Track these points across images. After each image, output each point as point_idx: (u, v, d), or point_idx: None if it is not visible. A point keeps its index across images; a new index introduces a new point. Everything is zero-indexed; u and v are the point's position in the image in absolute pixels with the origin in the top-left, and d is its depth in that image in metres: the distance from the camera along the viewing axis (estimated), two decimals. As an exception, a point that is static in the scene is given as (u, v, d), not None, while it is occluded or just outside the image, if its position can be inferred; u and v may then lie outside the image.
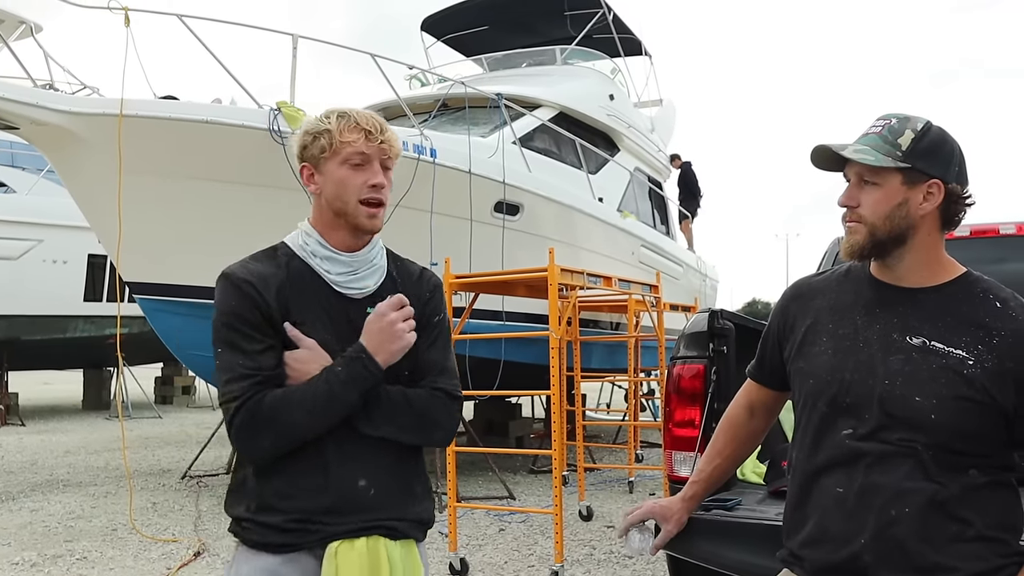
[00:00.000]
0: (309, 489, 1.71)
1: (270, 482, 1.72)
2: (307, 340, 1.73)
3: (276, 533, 1.71)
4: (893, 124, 1.71)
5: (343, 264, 1.79)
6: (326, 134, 1.74)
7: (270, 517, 1.71)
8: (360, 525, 1.72)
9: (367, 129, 1.74)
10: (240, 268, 1.76)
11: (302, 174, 1.81)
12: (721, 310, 3.23)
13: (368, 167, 1.75)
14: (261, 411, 1.65)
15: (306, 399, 1.67)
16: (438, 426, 1.82)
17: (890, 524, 1.61)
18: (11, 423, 13.07)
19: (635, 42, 13.32)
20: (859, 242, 1.72)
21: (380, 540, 1.74)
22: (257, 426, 1.66)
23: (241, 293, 1.72)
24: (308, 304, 1.76)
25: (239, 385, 1.66)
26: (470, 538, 5.87)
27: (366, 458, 1.75)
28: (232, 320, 1.71)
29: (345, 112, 1.77)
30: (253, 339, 1.70)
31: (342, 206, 1.76)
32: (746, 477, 3.18)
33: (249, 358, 1.68)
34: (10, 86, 6.33)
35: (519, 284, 6.48)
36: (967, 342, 1.64)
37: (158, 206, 6.77)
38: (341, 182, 1.75)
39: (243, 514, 1.74)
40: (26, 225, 12.96)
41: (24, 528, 6.16)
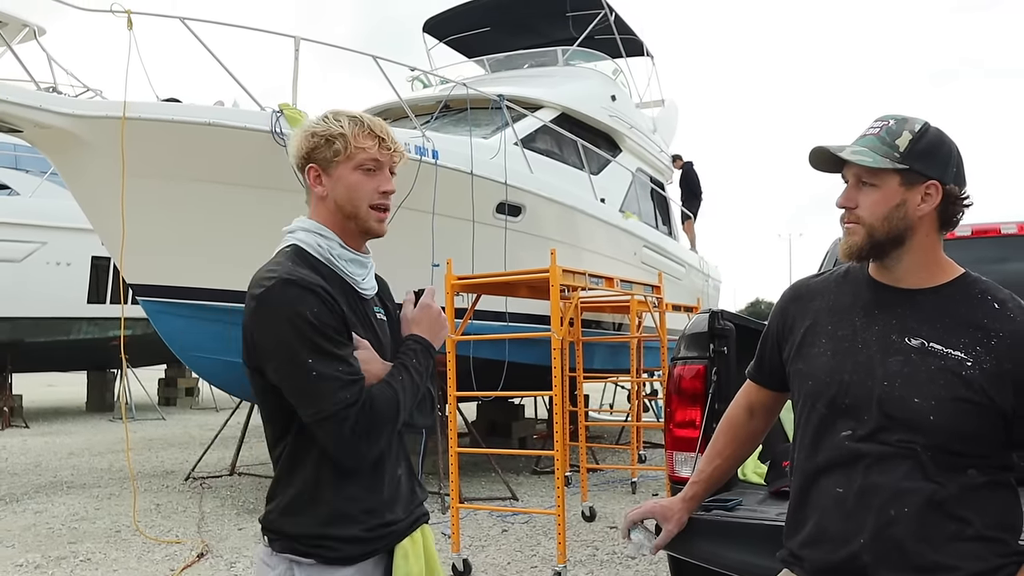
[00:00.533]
0: (371, 490, 1.76)
1: (343, 488, 1.72)
2: (363, 341, 1.77)
3: (355, 545, 1.73)
4: (891, 125, 1.72)
5: (361, 265, 1.85)
6: (341, 138, 1.76)
7: (346, 529, 1.71)
8: (412, 519, 1.84)
9: (381, 136, 1.78)
10: (302, 274, 1.71)
11: (308, 175, 1.81)
12: (721, 311, 3.24)
13: (380, 173, 1.79)
14: (377, 412, 1.68)
15: (406, 392, 1.74)
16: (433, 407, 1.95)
17: (889, 524, 1.62)
18: (15, 425, 13.10)
19: (637, 43, 13.32)
20: (857, 243, 1.72)
21: (425, 528, 1.89)
22: (377, 428, 1.69)
23: (320, 299, 1.69)
24: (350, 308, 1.79)
25: (349, 392, 1.64)
26: (473, 539, 5.88)
27: (399, 448, 1.85)
28: (320, 327, 1.66)
29: (357, 118, 1.79)
30: (344, 344, 1.70)
31: (353, 210, 1.79)
32: (747, 477, 3.19)
33: (347, 364, 1.68)
34: (13, 89, 6.35)
35: (521, 285, 6.48)
36: (966, 343, 1.64)
37: (161, 208, 6.79)
38: (354, 187, 1.78)
39: (315, 530, 1.71)
40: (30, 227, 12.98)
41: (28, 530, 6.18)
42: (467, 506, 6.34)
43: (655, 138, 13.20)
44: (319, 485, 1.72)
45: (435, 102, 9.71)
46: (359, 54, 7.83)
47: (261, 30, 7.25)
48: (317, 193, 1.81)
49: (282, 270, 1.70)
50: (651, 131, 13.10)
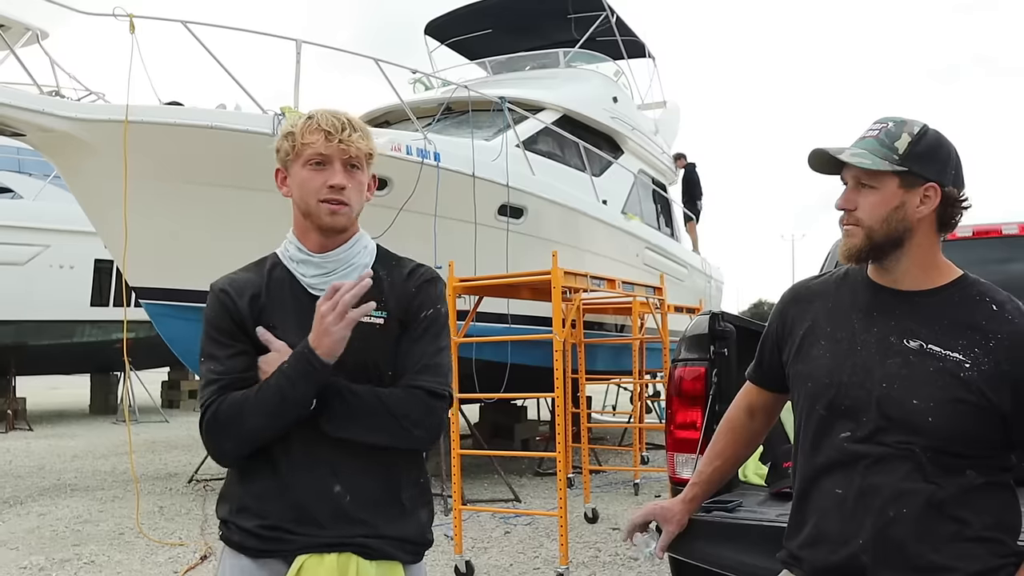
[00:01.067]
0: (281, 494, 1.71)
1: (247, 484, 1.76)
2: (276, 343, 1.73)
3: (251, 538, 1.73)
4: (890, 128, 1.72)
5: (315, 266, 1.79)
6: (290, 137, 1.76)
7: (246, 521, 1.73)
8: (332, 540, 1.68)
9: (327, 130, 1.72)
10: (223, 278, 1.83)
11: (276, 178, 1.83)
12: (722, 312, 3.24)
13: (328, 167, 1.74)
14: (221, 413, 1.69)
15: (259, 399, 1.68)
16: (415, 424, 1.70)
17: (888, 525, 1.62)
18: (19, 428, 13.12)
19: (638, 44, 13.32)
20: (856, 245, 1.73)
21: (352, 558, 1.68)
22: (219, 429, 1.70)
23: (217, 301, 1.78)
24: (283, 308, 1.78)
25: (208, 390, 1.72)
26: (475, 541, 5.88)
27: (341, 462, 1.71)
28: (208, 328, 1.77)
29: (311, 115, 1.76)
30: (223, 344, 1.75)
31: (306, 207, 1.77)
32: (748, 478, 3.19)
33: (219, 363, 1.73)
34: (16, 93, 6.37)
35: (523, 287, 6.49)
36: (964, 345, 1.64)
37: (163, 211, 6.81)
38: (303, 183, 1.76)
39: (225, 515, 1.79)
40: (33, 231, 13.01)
41: (32, 532, 6.19)
42: (470, 508, 6.35)
43: (657, 139, 13.21)
44: (236, 475, 1.80)
45: (437, 104, 9.73)
46: (361, 57, 7.85)
47: (262, 33, 7.28)
48: (284, 195, 1.82)
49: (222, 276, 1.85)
50: (653, 132, 13.11)
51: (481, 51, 12.77)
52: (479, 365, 7.11)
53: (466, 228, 7.55)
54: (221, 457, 1.76)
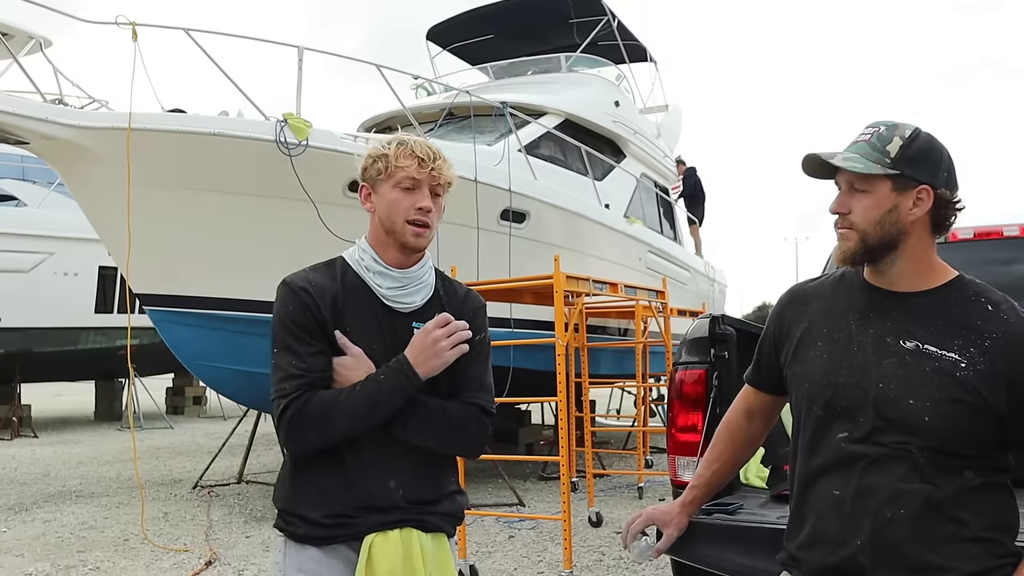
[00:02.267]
0: (344, 487, 1.84)
1: (312, 478, 1.86)
2: (354, 348, 1.86)
3: (317, 528, 1.84)
4: (882, 131, 1.73)
5: (393, 279, 1.92)
6: (383, 158, 1.90)
7: (310, 512, 1.85)
8: (394, 518, 1.86)
9: (420, 157, 1.88)
10: (299, 276, 1.91)
11: (360, 193, 1.97)
12: (722, 315, 3.25)
13: (418, 191, 1.89)
14: (308, 410, 1.79)
15: (350, 403, 1.80)
16: (471, 438, 1.96)
17: (885, 525, 1.63)
18: (24, 435, 13.15)
19: (640, 48, 13.34)
20: (851, 248, 1.74)
21: (413, 532, 1.88)
22: (304, 424, 1.80)
23: (298, 299, 1.86)
24: (358, 314, 1.89)
25: (290, 384, 1.80)
26: (480, 545, 5.89)
27: (398, 462, 1.88)
28: (288, 323, 1.85)
29: (404, 140, 1.92)
30: (305, 342, 1.83)
31: (391, 225, 1.89)
32: (749, 481, 3.20)
33: (301, 359, 1.82)
34: (20, 101, 6.40)
35: (526, 291, 6.51)
36: (960, 345, 1.65)
37: (167, 218, 6.83)
38: (392, 203, 1.89)
39: (286, 506, 1.89)
40: (37, 238, 13.05)
41: (37, 539, 6.21)
42: (474, 512, 6.36)
43: (659, 143, 13.22)
44: (298, 467, 1.90)
45: (439, 110, 9.75)
46: (363, 63, 7.88)
47: (264, 40, 7.30)
48: (367, 209, 1.95)
49: (294, 273, 1.91)
50: (655, 136, 13.12)
51: (483, 56, 12.81)
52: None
53: (468, 233, 7.57)
54: (300, 450, 1.85)
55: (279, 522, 1.92)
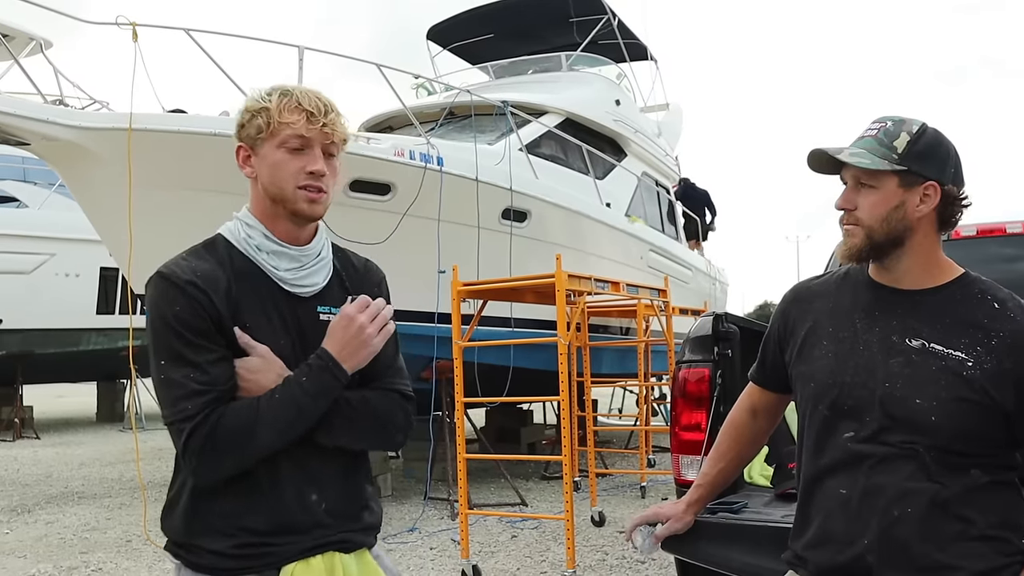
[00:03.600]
0: (256, 509, 1.58)
1: (215, 501, 1.58)
2: (259, 347, 1.58)
3: (224, 559, 1.57)
4: (889, 127, 1.72)
5: (291, 259, 1.65)
6: (263, 113, 1.59)
7: (216, 543, 1.57)
8: (313, 543, 1.61)
9: (309, 110, 1.58)
10: (180, 266, 1.58)
11: (237, 155, 1.66)
12: (725, 313, 3.24)
13: (308, 152, 1.60)
14: (222, 432, 1.50)
15: (271, 415, 1.53)
16: (398, 429, 1.72)
17: (893, 524, 1.62)
18: (26, 436, 13.15)
19: (640, 47, 13.33)
20: (857, 245, 1.73)
21: (335, 556, 1.63)
22: (218, 448, 1.51)
23: (186, 296, 1.53)
24: (256, 305, 1.61)
25: (193, 403, 1.50)
26: (482, 545, 5.88)
27: (317, 469, 1.64)
28: (178, 327, 1.52)
29: (288, 90, 1.61)
30: (203, 348, 1.53)
31: (278, 192, 1.61)
32: (753, 480, 3.19)
33: (201, 371, 1.52)
34: (21, 102, 6.39)
35: (527, 291, 6.49)
36: (966, 343, 1.64)
37: (168, 218, 6.82)
38: (277, 166, 1.60)
39: (183, 539, 1.61)
40: (39, 239, 13.07)
41: (40, 540, 6.20)
42: (476, 512, 6.34)
43: (660, 142, 13.21)
44: (197, 492, 1.60)
45: (440, 109, 9.74)
46: (363, 62, 7.86)
47: (265, 40, 7.29)
48: (246, 175, 1.66)
49: (171, 262, 1.60)
50: (656, 135, 13.11)
51: (483, 56, 12.79)
52: (483, 369, 7.10)
53: (470, 232, 7.56)
54: (214, 476, 1.55)
55: (172, 547, 1.64)
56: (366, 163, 6.92)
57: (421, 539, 6.12)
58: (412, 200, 7.07)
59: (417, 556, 5.64)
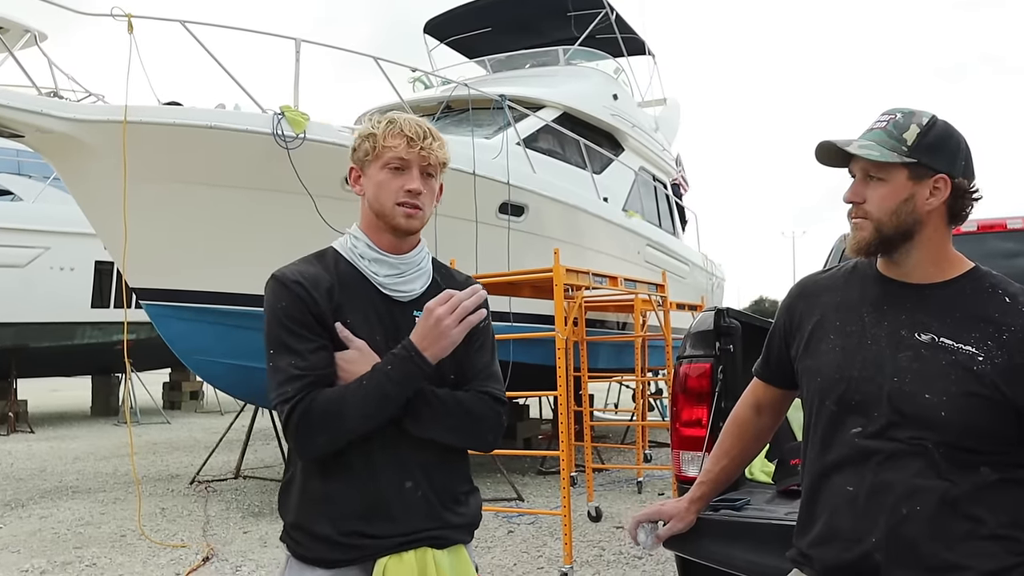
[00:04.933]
0: (355, 492, 1.73)
1: (319, 485, 1.75)
2: (357, 341, 1.75)
3: (326, 547, 1.73)
4: (898, 119, 1.69)
5: (390, 266, 1.83)
6: (371, 138, 1.80)
7: (320, 526, 1.73)
8: (408, 538, 1.74)
9: (409, 136, 1.78)
10: (289, 269, 1.79)
11: (350, 175, 1.87)
12: (727, 308, 3.22)
13: (407, 172, 1.79)
14: (315, 411, 1.67)
15: (359, 398, 1.69)
16: (487, 429, 1.85)
17: (901, 523, 1.59)
18: (20, 430, 13.11)
19: (638, 41, 13.31)
20: (865, 239, 1.70)
21: (428, 552, 1.75)
22: (312, 426, 1.68)
23: (292, 293, 1.74)
24: (357, 305, 1.79)
25: (293, 386, 1.68)
26: (479, 540, 5.86)
27: (412, 459, 1.78)
28: (283, 320, 1.73)
29: (394, 119, 1.81)
30: (304, 339, 1.72)
31: (381, 208, 1.80)
32: (755, 476, 3.17)
33: (301, 358, 1.70)
34: (15, 94, 6.35)
35: (525, 285, 6.48)
36: (976, 338, 1.62)
37: (163, 212, 6.78)
38: (380, 185, 1.79)
39: (293, 519, 1.77)
40: (33, 233, 12.99)
41: (34, 535, 6.17)
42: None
43: (657, 136, 13.20)
44: (298, 474, 1.79)
45: (437, 103, 9.71)
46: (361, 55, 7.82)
47: (261, 32, 7.26)
48: (356, 193, 1.85)
49: (283, 267, 1.80)
50: (653, 130, 13.10)
51: (481, 49, 12.77)
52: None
53: (467, 226, 7.53)
54: (311, 454, 1.72)
55: (286, 538, 1.81)
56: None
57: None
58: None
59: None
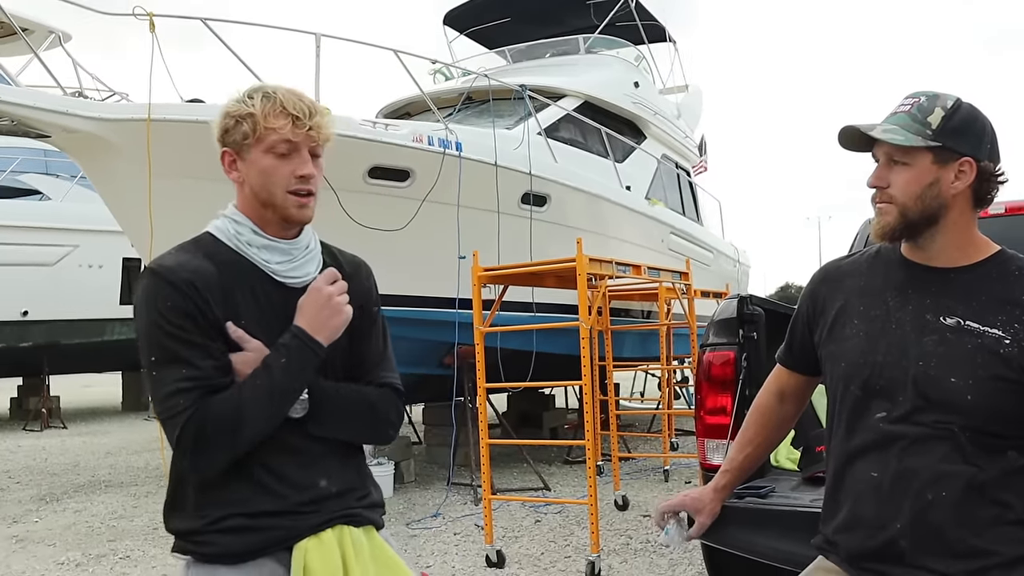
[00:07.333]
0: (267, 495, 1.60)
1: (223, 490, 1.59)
2: (252, 341, 1.59)
3: (237, 537, 1.58)
4: (922, 102, 1.68)
5: (282, 252, 1.67)
6: (249, 119, 1.60)
7: (231, 521, 1.58)
8: (322, 519, 1.64)
9: (295, 114, 1.59)
10: (171, 263, 1.59)
11: (223, 160, 1.66)
12: (750, 296, 3.20)
13: (296, 156, 1.62)
14: (210, 422, 1.50)
15: (257, 400, 1.54)
16: (390, 424, 1.76)
17: (927, 508, 1.58)
18: (53, 426, 13.32)
19: (659, 28, 13.21)
20: (890, 223, 1.68)
21: (345, 529, 1.67)
22: (209, 439, 1.51)
23: (179, 293, 1.54)
24: (249, 299, 1.62)
25: (183, 398, 1.50)
26: (506, 530, 5.88)
27: (322, 458, 1.67)
28: (168, 324, 1.52)
29: (270, 93, 1.61)
30: (194, 345, 1.53)
31: (268, 197, 1.63)
32: (780, 463, 3.16)
33: (191, 367, 1.52)
34: (41, 95, 6.42)
35: (548, 275, 6.46)
36: (1003, 321, 1.60)
37: (188, 208, 6.82)
38: (265, 172, 1.61)
39: (196, 526, 1.60)
40: (62, 231, 13.18)
41: (68, 529, 6.27)
42: (499, 497, 6.35)
43: (680, 124, 13.11)
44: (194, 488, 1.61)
45: (457, 94, 9.71)
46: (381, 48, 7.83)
47: (282, 28, 7.27)
48: (233, 179, 1.67)
49: (161, 258, 1.61)
50: (675, 117, 13.01)
51: (500, 40, 12.73)
52: (505, 354, 7.09)
53: (489, 217, 7.53)
54: (208, 469, 1.55)
55: (180, 543, 1.63)
56: (385, 150, 6.90)
57: (445, 524, 6.13)
58: (431, 186, 7.05)
59: (441, 541, 5.65)
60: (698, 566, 4.77)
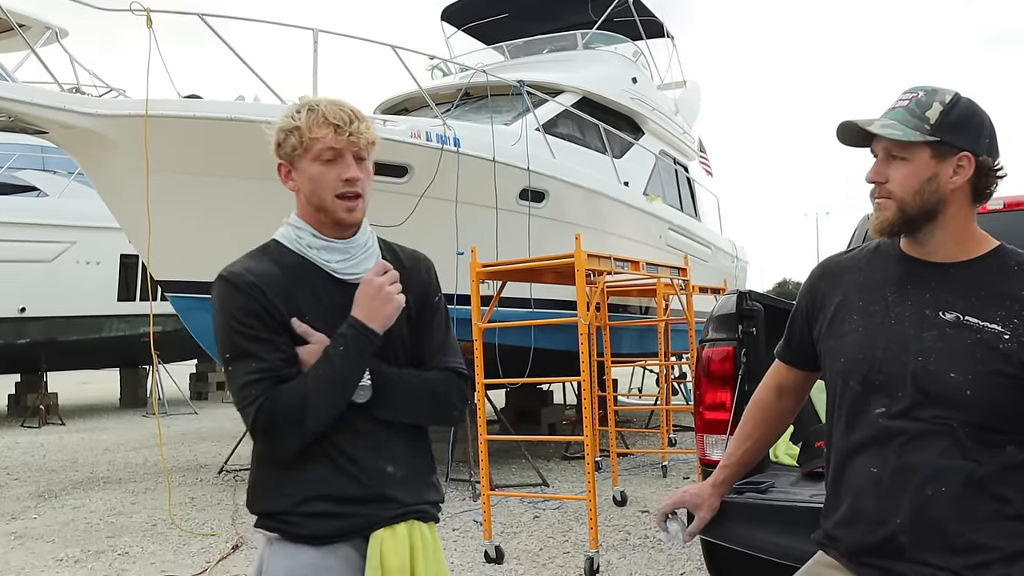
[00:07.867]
0: (341, 476, 1.73)
1: (300, 470, 1.73)
2: (316, 335, 1.73)
3: (322, 521, 1.72)
4: (920, 97, 1.67)
5: (340, 251, 1.80)
6: (295, 132, 1.74)
7: (314, 506, 1.72)
8: (397, 512, 1.77)
9: (335, 123, 1.73)
10: (239, 269, 1.75)
11: (279, 172, 1.82)
12: (749, 291, 3.20)
13: (340, 161, 1.75)
14: (280, 409, 1.66)
15: (320, 388, 1.68)
16: (453, 405, 1.87)
17: (927, 503, 1.58)
18: (52, 422, 13.31)
19: (657, 24, 13.20)
20: (889, 219, 1.68)
21: (415, 524, 1.81)
22: (281, 427, 1.67)
23: (245, 295, 1.71)
24: (312, 297, 1.76)
25: (254, 389, 1.66)
26: (504, 526, 5.89)
27: (388, 443, 1.79)
28: (238, 324, 1.70)
29: (313, 106, 1.76)
30: (262, 340, 1.69)
31: (319, 202, 1.76)
32: (779, 459, 3.16)
33: (261, 360, 1.68)
34: (38, 91, 6.41)
35: (546, 271, 6.46)
36: (1002, 316, 1.60)
37: (186, 204, 6.83)
38: (315, 179, 1.75)
39: (283, 507, 1.74)
40: (59, 228, 13.15)
41: (67, 525, 6.27)
42: (498, 493, 6.35)
43: (678, 119, 13.11)
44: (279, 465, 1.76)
45: (455, 90, 9.70)
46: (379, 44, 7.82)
47: (279, 23, 7.26)
48: (290, 188, 1.82)
49: (231, 265, 1.77)
50: (673, 112, 13.01)
51: (498, 36, 12.72)
52: (503, 350, 7.09)
53: (487, 213, 7.53)
54: (285, 453, 1.72)
55: (267, 522, 1.78)
56: (383, 145, 6.85)
57: (444, 520, 6.13)
58: (429, 182, 7.05)
59: (440, 537, 5.64)
60: (697, 561, 4.78)
